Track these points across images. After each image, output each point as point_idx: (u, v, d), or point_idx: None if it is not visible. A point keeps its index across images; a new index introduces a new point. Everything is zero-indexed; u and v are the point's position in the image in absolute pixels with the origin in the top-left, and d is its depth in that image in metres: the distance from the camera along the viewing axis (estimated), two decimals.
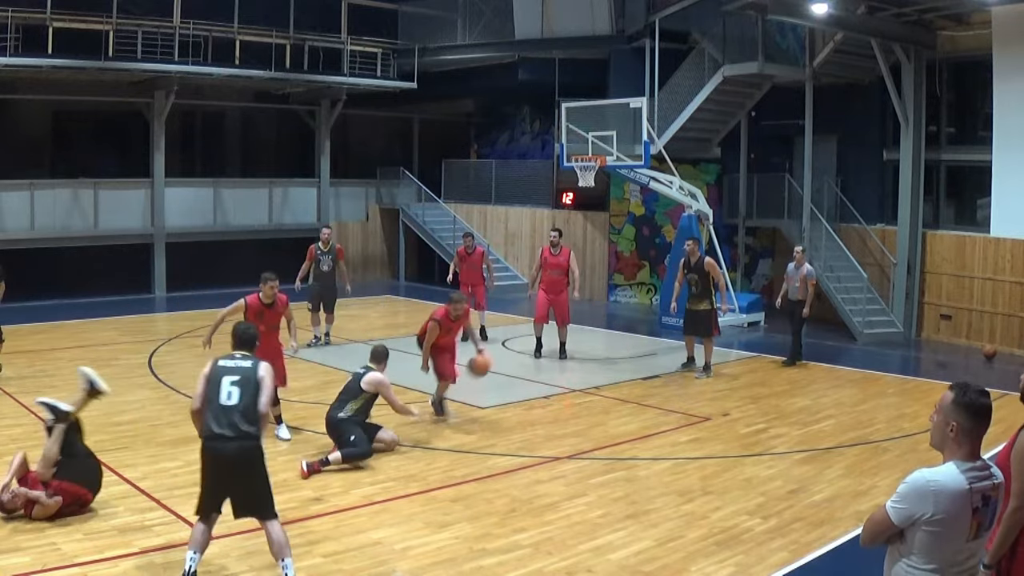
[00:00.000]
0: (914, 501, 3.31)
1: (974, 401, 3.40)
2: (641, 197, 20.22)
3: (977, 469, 3.36)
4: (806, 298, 13.30)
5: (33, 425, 9.31)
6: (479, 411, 10.62)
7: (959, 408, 3.39)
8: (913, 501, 3.31)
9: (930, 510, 3.27)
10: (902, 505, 3.33)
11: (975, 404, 3.39)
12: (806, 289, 13.32)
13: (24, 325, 15.79)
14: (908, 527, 3.33)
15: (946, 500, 3.27)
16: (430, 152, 25.65)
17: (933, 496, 3.28)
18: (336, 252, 14.70)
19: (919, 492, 3.31)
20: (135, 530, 6.38)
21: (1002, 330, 15.40)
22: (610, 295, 20.78)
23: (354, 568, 6.11)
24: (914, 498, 3.31)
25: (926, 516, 3.28)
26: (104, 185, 19.93)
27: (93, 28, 17.98)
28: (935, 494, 3.28)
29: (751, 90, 18.76)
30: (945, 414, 3.42)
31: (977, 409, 3.39)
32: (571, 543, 6.63)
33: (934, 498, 3.28)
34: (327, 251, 14.61)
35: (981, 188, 16.18)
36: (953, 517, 3.28)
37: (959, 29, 16.15)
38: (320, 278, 14.55)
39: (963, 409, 3.38)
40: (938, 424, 3.45)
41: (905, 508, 3.32)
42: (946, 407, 3.42)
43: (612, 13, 20.36)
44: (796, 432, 9.95)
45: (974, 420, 3.39)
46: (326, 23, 21.78)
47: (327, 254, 14.60)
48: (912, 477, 3.36)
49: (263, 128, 24.93)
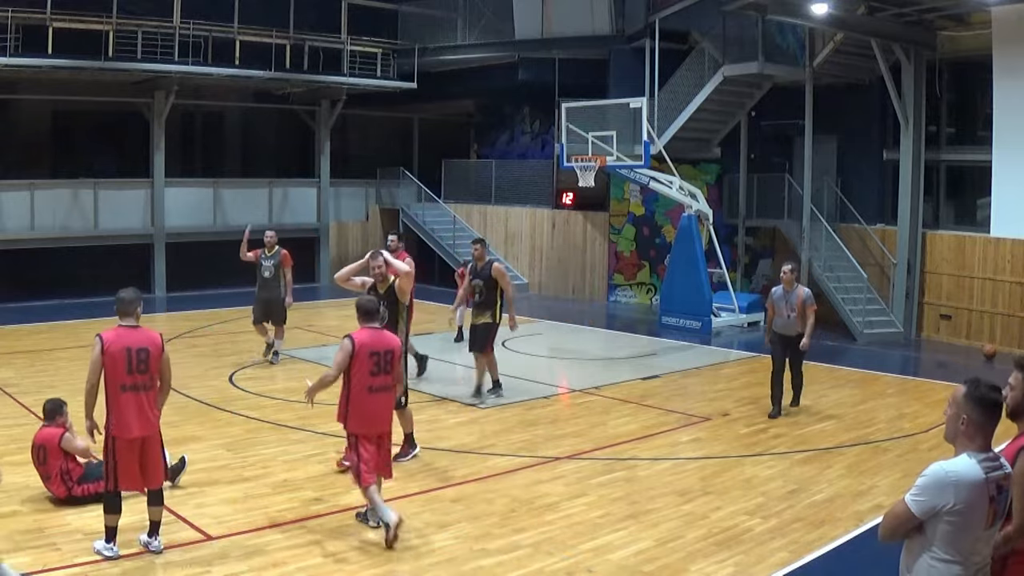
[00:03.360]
0: (935, 493, 3.39)
1: (985, 395, 3.51)
2: (641, 197, 20.22)
3: (990, 460, 3.47)
4: (805, 330, 10.41)
5: (33, 425, 9.32)
6: (479, 411, 10.61)
7: (971, 402, 3.50)
8: (934, 493, 3.39)
9: (951, 500, 3.36)
10: (923, 497, 3.41)
11: (986, 398, 3.51)
12: (803, 319, 10.41)
13: (24, 325, 15.81)
14: (929, 519, 3.41)
15: (966, 490, 3.36)
16: (430, 152, 25.64)
17: (954, 487, 3.37)
18: (281, 258, 12.90)
19: (939, 483, 3.39)
20: (135, 530, 6.38)
21: (1002, 330, 15.40)
22: (610, 295, 20.78)
23: (354, 568, 6.10)
24: (935, 490, 3.39)
25: (948, 507, 3.36)
26: (104, 185, 19.93)
27: (93, 28, 17.98)
28: (955, 485, 3.37)
29: (751, 90, 18.76)
30: (958, 407, 3.54)
31: (988, 403, 3.51)
32: (571, 543, 6.63)
33: (955, 489, 3.36)
34: (271, 256, 12.91)
35: (981, 188, 16.17)
36: (972, 507, 3.37)
37: (959, 29, 16.15)
38: (263, 287, 12.87)
39: (975, 403, 3.50)
40: (951, 417, 3.57)
41: (926, 500, 3.40)
42: (959, 401, 3.54)
43: (612, 13, 20.35)
44: (796, 432, 9.95)
45: (985, 414, 3.49)
46: (326, 23, 21.78)
47: (270, 259, 12.89)
48: (931, 469, 3.45)
49: (263, 128, 24.92)
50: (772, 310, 10.68)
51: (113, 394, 5.94)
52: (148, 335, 6.10)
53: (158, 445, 6.21)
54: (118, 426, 5.96)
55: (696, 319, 16.86)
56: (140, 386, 5.98)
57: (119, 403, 5.94)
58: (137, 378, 5.96)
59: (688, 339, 16.02)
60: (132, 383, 5.95)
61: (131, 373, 5.94)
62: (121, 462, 5.98)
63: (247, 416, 9.96)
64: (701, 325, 16.76)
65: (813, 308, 10.53)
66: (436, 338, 14.86)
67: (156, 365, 6.06)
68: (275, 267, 12.84)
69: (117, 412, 5.95)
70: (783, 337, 10.60)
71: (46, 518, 6.74)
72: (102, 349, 5.91)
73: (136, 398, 5.98)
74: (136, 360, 5.94)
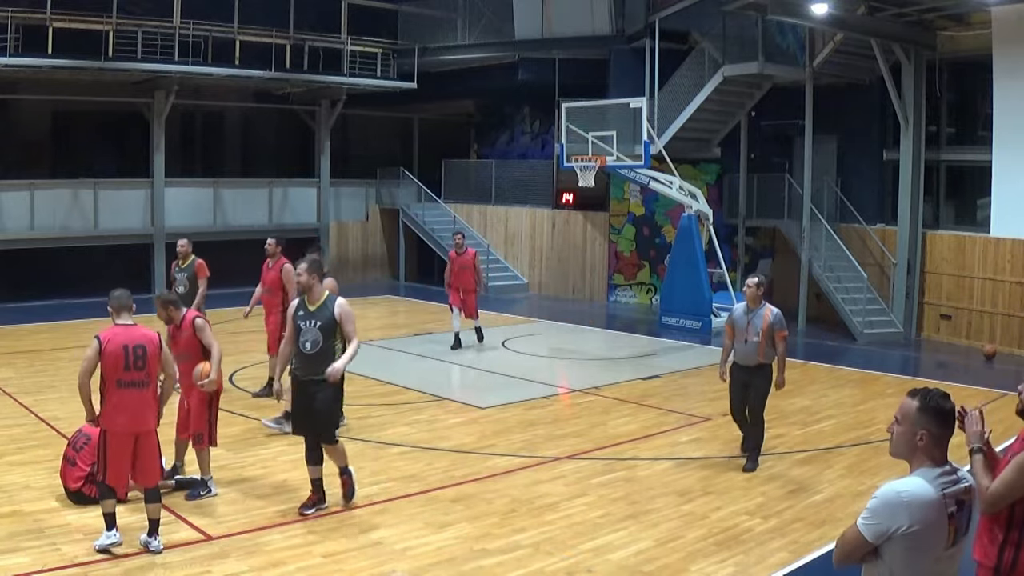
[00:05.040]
0: (886, 516, 3.20)
1: (941, 406, 3.29)
2: (641, 197, 20.22)
3: (947, 474, 3.28)
4: (772, 361, 8.37)
5: (33, 425, 9.33)
6: (479, 411, 10.61)
7: (927, 415, 3.28)
8: (885, 516, 3.20)
9: (905, 522, 3.17)
10: (874, 521, 3.22)
11: (943, 409, 3.29)
12: (771, 347, 8.34)
13: (24, 325, 15.81)
14: (884, 543, 3.23)
15: (920, 510, 3.18)
16: (430, 152, 25.64)
17: (906, 508, 3.18)
18: (195, 269, 11.14)
19: (890, 506, 3.20)
20: (135, 530, 6.38)
21: (1002, 330, 15.40)
22: (610, 295, 20.78)
23: (354, 568, 6.11)
24: (886, 513, 3.20)
25: (902, 529, 3.17)
26: (104, 185, 19.93)
27: (93, 28, 17.97)
28: (908, 505, 3.18)
29: (751, 90, 18.76)
30: (911, 423, 3.29)
31: (945, 413, 3.30)
32: (571, 543, 6.63)
33: (907, 510, 3.18)
34: (184, 268, 11.16)
35: (981, 188, 16.17)
36: (930, 526, 3.19)
37: (959, 29, 16.15)
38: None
39: (932, 415, 3.28)
40: (903, 433, 3.32)
41: (877, 524, 3.22)
42: (911, 415, 3.29)
43: (612, 13, 20.35)
44: (796, 432, 9.95)
45: (943, 425, 3.29)
46: (326, 23, 21.78)
47: (183, 271, 11.14)
48: (881, 491, 3.26)
49: (263, 128, 24.92)
50: (731, 333, 8.53)
51: (111, 390, 6.03)
52: (145, 332, 6.20)
53: (154, 443, 6.24)
54: (111, 420, 6.05)
55: (696, 319, 16.86)
56: (138, 383, 6.08)
57: (115, 399, 6.03)
58: (135, 375, 6.06)
59: (688, 339, 16.02)
60: (130, 379, 6.05)
61: (128, 370, 6.04)
62: (111, 455, 6.06)
63: (247, 416, 9.97)
64: (701, 325, 16.75)
65: (783, 334, 8.36)
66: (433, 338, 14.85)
67: (154, 362, 6.16)
68: (190, 280, 11.05)
69: (112, 407, 6.04)
70: (742, 369, 8.46)
71: (46, 518, 6.74)
72: (100, 348, 6.01)
73: (133, 395, 6.06)
74: (134, 357, 6.05)
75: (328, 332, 6.86)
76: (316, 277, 6.96)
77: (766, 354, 8.34)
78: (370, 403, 10.79)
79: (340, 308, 6.90)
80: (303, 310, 6.97)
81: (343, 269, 23.93)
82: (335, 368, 6.79)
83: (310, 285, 6.94)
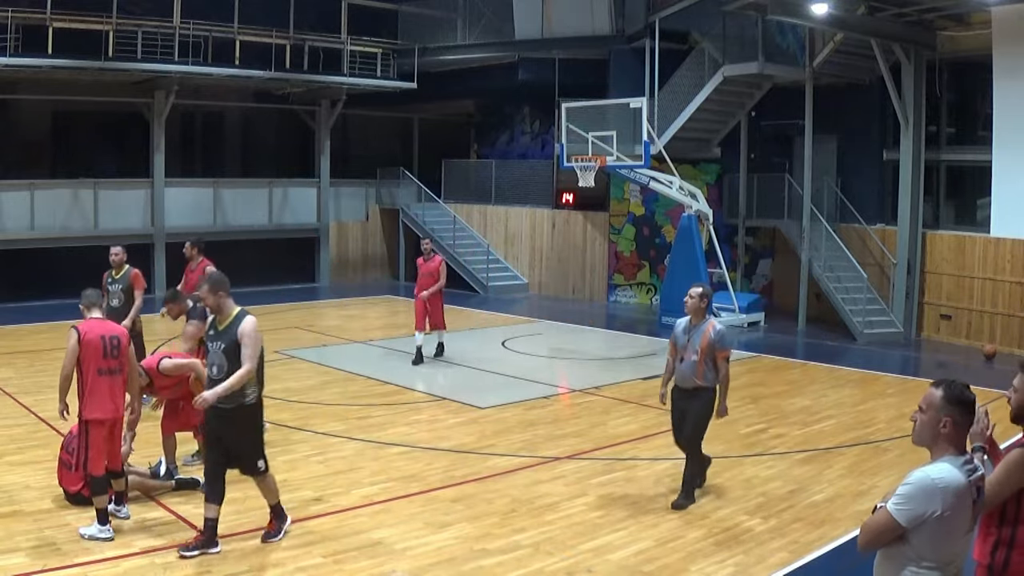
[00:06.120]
0: (921, 501, 3.31)
1: (964, 395, 3.45)
2: (641, 197, 20.22)
3: (968, 462, 3.43)
4: (713, 384, 7.33)
5: (33, 425, 9.33)
6: (479, 411, 10.61)
7: (950, 403, 3.43)
8: (920, 501, 3.31)
9: (939, 508, 3.29)
10: (909, 506, 3.33)
11: (966, 398, 3.45)
12: (712, 368, 7.28)
13: (24, 325, 15.81)
14: (914, 528, 3.34)
15: (953, 496, 3.31)
16: (430, 152, 25.64)
17: (941, 494, 3.30)
18: (131, 279, 10.30)
19: (926, 491, 3.31)
20: (135, 530, 6.38)
21: (1002, 330, 15.39)
22: (610, 295, 20.78)
23: (354, 568, 6.11)
24: (921, 498, 3.31)
25: (936, 514, 3.29)
26: (104, 185, 19.92)
27: (93, 28, 17.97)
28: (943, 491, 3.30)
29: (751, 90, 18.76)
30: (936, 411, 3.44)
31: (968, 403, 3.46)
32: (571, 543, 6.63)
33: (942, 495, 3.30)
34: (118, 279, 10.28)
35: (981, 188, 16.17)
36: (959, 511, 3.33)
37: (959, 29, 16.15)
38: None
39: (955, 404, 3.43)
40: (927, 422, 3.45)
41: (911, 509, 3.32)
42: (936, 403, 3.44)
43: (612, 13, 20.35)
44: (796, 432, 9.95)
45: (966, 414, 3.45)
46: (326, 23, 21.78)
47: (117, 283, 10.26)
48: (915, 477, 3.36)
49: (263, 128, 24.92)
50: (673, 351, 7.53)
51: (92, 379, 6.41)
52: (114, 326, 6.82)
53: (120, 430, 6.72)
54: (94, 408, 6.40)
55: None
56: (114, 370, 6.52)
57: (96, 387, 6.42)
58: (111, 362, 6.51)
59: None
60: (108, 367, 6.48)
61: (106, 357, 6.49)
62: (93, 447, 6.39)
63: None
64: None
65: (725, 354, 7.30)
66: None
67: (125, 353, 6.63)
68: (124, 292, 10.21)
69: (94, 395, 6.40)
70: (680, 392, 7.47)
71: (46, 518, 6.74)
72: (79, 338, 6.45)
73: (109, 381, 6.48)
74: (110, 346, 6.53)
75: (232, 356, 6.09)
76: (222, 294, 6.23)
77: (705, 376, 7.27)
78: (370, 403, 10.79)
79: (243, 328, 6.12)
80: (213, 330, 6.30)
81: (343, 269, 23.97)
82: (203, 396, 6.05)
83: (216, 304, 6.24)
